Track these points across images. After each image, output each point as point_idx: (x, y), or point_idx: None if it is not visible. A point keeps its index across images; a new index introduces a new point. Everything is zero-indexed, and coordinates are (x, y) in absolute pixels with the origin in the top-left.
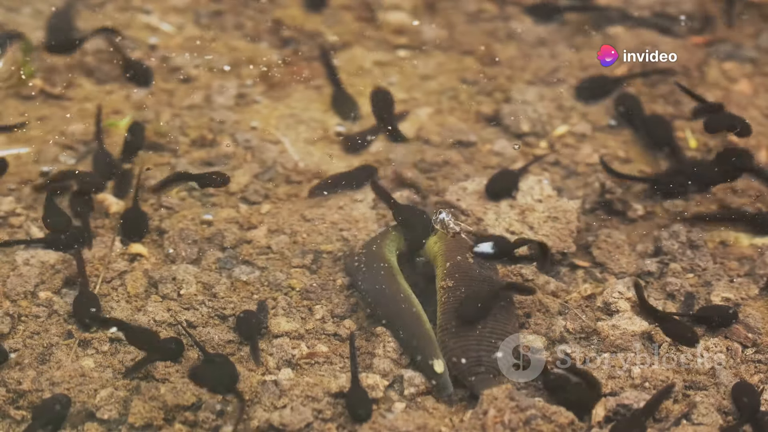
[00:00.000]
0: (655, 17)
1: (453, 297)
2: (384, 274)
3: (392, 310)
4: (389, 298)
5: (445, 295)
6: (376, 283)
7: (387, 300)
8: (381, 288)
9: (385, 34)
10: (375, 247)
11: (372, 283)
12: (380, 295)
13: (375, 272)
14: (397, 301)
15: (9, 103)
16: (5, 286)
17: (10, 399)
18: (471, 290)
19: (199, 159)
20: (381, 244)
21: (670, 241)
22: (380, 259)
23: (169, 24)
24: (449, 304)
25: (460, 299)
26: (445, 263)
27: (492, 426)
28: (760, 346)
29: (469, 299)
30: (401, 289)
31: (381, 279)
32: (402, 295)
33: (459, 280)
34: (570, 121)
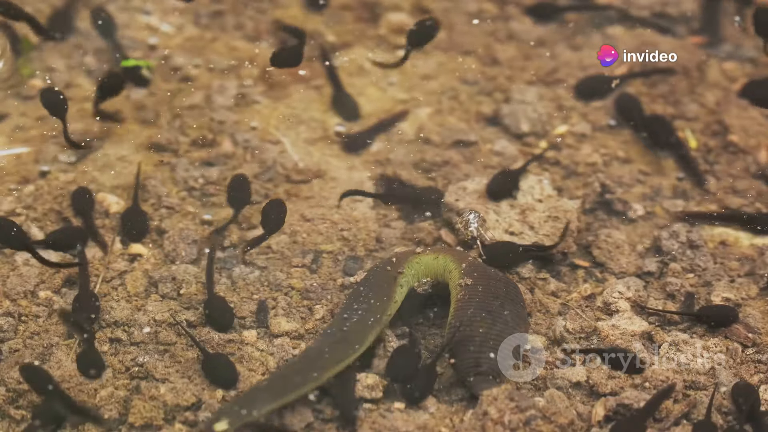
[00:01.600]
0: (655, 17)
1: (470, 294)
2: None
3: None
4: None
5: (462, 292)
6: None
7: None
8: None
9: (385, 34)
10: (384, 276)
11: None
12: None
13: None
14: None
15: (9, 103)
16: (5, 286)
17: (10, 399)
18: (490, 288)
19: (199, 159)
20: (392, 273)
21: (670, 241)
22: (381, 293)
23: (169, 24)
24: (465, 301)
25: (479, 294)
26: (460, 264)
27: (492, 426)
28: (760, 346)
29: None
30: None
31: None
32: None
33: (478, 279)
34: (570, 121)
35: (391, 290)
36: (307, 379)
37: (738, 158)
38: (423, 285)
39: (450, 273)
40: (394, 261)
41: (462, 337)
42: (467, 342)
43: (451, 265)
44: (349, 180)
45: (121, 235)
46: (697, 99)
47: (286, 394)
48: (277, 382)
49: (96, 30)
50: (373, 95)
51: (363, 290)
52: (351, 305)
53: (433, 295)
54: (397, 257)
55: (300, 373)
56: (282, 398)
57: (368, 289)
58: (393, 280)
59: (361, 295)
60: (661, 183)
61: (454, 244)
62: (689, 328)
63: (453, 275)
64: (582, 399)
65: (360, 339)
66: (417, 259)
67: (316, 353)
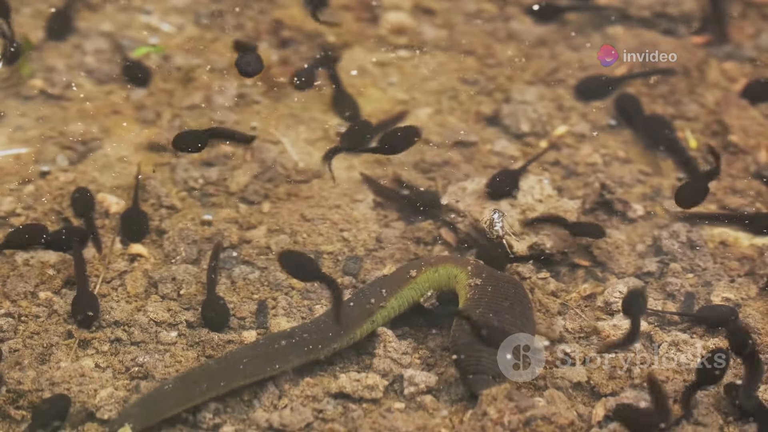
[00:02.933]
0: (655, 17)
1: (480, 293)
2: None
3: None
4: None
5: (472, 291)
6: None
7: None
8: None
9: (385, 34)
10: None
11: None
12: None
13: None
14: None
15: (9, 103)
16: (5, 286)
17: (10, 399)
18: (499, 289)
19: (199, 159)
20: (396, 284)
21: (670, 241)
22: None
23: (169, 24)
24: (474, 300)
25: (488, 294)
26: (465, 267)
27: (492, 427)
28: (760, 346)
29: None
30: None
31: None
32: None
33: (486, 279)
34: (570, 121)
35: (358, 323)
36: (214, 387)
37: (738, 158)
38: (429, 299)
39: (456, 278)
40: (383, 289)
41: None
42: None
43: (455, 270)
44: (349, 180)
45: (121, 235)
46: (697, 99)
47: (192, 400)
48: (184, 386)
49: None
50: (373, 95)
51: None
52: (319, 320)
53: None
54: (390, 279)
55: (209, 379)
56: (186, 404)
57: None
58: (367, 313)
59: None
60: (661, 183)
61: (454, 243)
62: (689, 328)
63: (460, 278)
64: (582, 399)
65: (283, 361)
66: (412, 284)
67: (231, 362)
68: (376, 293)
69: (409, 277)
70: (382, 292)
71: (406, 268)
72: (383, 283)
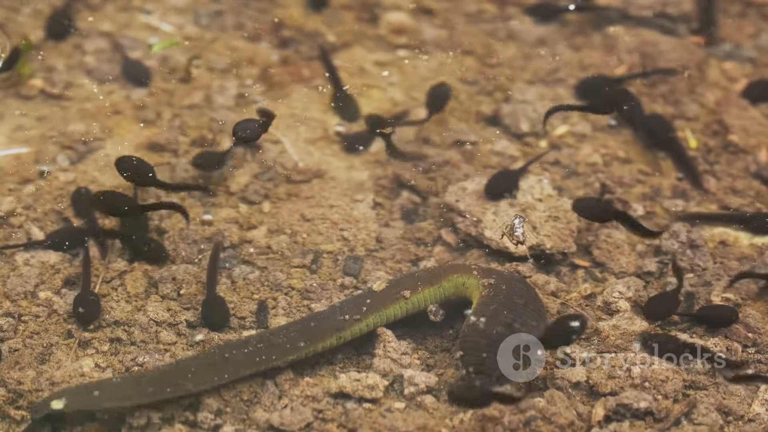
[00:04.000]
0: (656, 17)
1: (495, 292)
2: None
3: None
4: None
5: (486, 290)
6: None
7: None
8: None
9: (385, 34)
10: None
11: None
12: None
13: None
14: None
15: (9, 103)
16: (5, 286)
17: (10, 399)
18: (513, 288)
19: None
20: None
21: (670, 241)
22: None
23: (169, 24)
24: (489, 297)
25: (503, 292)
26: (471, 272)
27: (492, 427)
28: (760, 346)
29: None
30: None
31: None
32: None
33: (498, 278)
34: (570, 121)
35: (321, 337)
36: (159, 392)
37: (738, 158)
38: (436, 313)
39: (464, 285)
40: (364, 306)
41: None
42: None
43: (462, 278)
44: (349, 180)
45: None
46: (697, 99)
47: (133, 400)
48: (130, 385)
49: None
50: (374, 95)
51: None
52: (277, 330)
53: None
54: (377, 296)
55: (155, 383)
56: (127, 402)
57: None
58: (335, 328)
59: (309, 324)
60: (661, 183)
61: (455, 243)
62: (689, 327)
63: (470, 282)
64: (582, 399)
65: (235, 372)
66: (402, 303)
67: (181, 368)
68: (353, 308)
69: (399, 296)
70: (362, 307)
71: (400, 286)
72: (364, 300)
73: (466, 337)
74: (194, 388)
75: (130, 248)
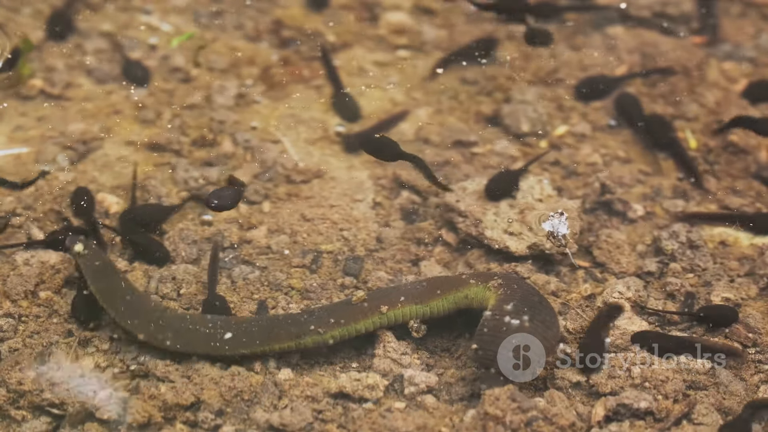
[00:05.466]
0: (655, 17)
1: (512, 290)
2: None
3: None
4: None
5: (501, 289)
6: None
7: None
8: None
9: (385, 34)
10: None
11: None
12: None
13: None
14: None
15: (9, 103)
16: (5, 286)
17: (10, 399)
18: (521, 287)
19: (200, 159)
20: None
21: (670, 241)
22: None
23: (169, 24)
24: (507, 295)
25: (520, 291)
26: (468, 282)
27: (493, 427)
28: (760, 346)
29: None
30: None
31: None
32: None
33: (506, 279)
34: (570, 121)
35: (279, 339)
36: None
37: (738, 158)
38: (418, 329)
39: (467, 297)
40: (333, 318)
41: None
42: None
43: (470, 290)
44: (349, 180)
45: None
46: (697, 99)
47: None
48: (139, 308)
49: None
50: (374, 95)
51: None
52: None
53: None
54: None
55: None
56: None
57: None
58: (295, 334)
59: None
60: (661, 183)
61: (455, 243)
62: (689, 328)
63: (475, 292)
64: (582, 399)
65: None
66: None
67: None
68: (320, 320)
69: (380, 310)
70: (329, 319)
71: (379, 300)
72: (339, 311)
73: (482, 331)
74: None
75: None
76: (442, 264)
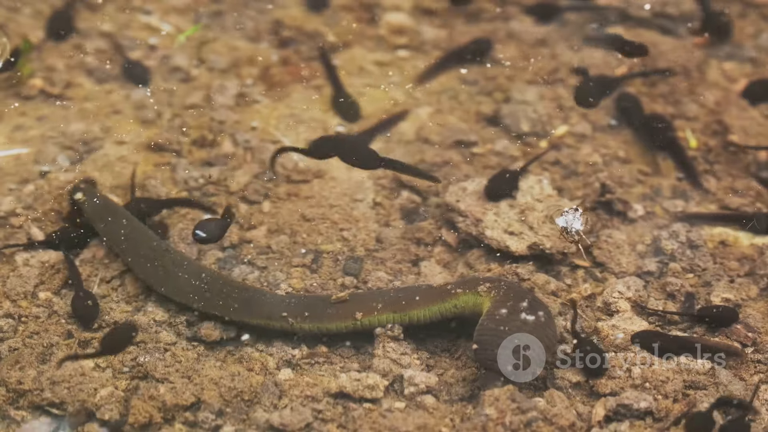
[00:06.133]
0: (655, 17)
1: (503, 291)
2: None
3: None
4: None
5: (495, 292)
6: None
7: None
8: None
9: (385, 34)
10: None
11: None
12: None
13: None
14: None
15: (9, 103)
16: (5, 286)
17: (10, 399)
18: (515, 289)
19: (200, 159)
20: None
21: (670, 241)
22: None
23: (169, 24)
24: (503, 296)
25: (507, 294)
26: (457, 287)
27: (493, 427)
28: (760, 346)
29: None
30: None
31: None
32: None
33: (493, 282)
34: (570, 121)
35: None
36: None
37: (738, 158)
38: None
39: (456, 306)
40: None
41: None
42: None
43: (459, 299)
44: (349, 180)
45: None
46: (697, 99)
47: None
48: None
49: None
50: (374, 95)
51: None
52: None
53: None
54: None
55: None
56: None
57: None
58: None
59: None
60: (661, 183)
61: (455, 243)
62: (689, 328)
63: (466, 300)
64: (582, 399)
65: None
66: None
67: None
68: (295, 310)
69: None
70: (304, 312)
71: (357, 306)
72: (315, 308)
73: (482, 331)
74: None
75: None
76: (442, 264)
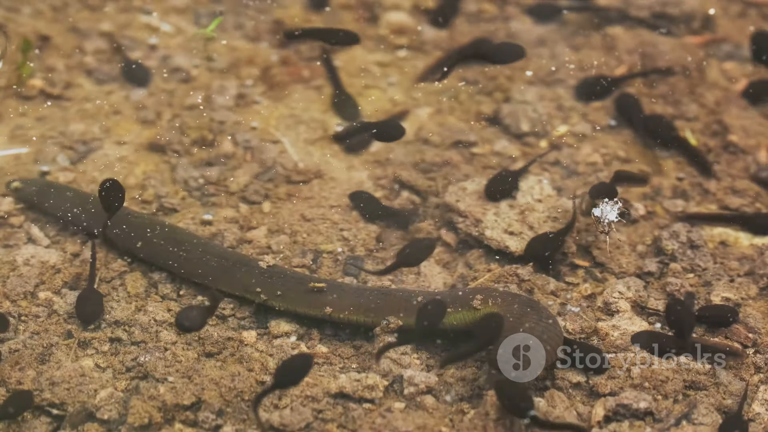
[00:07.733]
0: (655, 17)
1: (501, 298)
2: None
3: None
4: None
5: (492, 299)
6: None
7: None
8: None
9: (385, 34)
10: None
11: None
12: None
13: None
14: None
15: (9, 103)
16: (5, 286)
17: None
18: (509, 295)
19: (200, 159)
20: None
21: (670, 241)
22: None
23: (169, 24)
24: (506, 299)
25: (506, 298)
26: (465, 291)
27: (493, 427)
28: (760, 346)
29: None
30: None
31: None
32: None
33: (485, 293)
34: (570, 121)
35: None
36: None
37: (738, 158)
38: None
39: (459, 322)
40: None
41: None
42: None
43: (449, 318)
44: (349, 180)
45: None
46: (697, 99)
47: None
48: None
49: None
50: (373, 95)
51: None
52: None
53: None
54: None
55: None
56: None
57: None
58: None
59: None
60: (661, 183)
61: (455, 243)
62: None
63: (460, 316)
64: (582, 399)
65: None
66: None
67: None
68: (269, 286)
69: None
70: (276, 291)
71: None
72: (290, 287)
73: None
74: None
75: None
76: (442, 264)
